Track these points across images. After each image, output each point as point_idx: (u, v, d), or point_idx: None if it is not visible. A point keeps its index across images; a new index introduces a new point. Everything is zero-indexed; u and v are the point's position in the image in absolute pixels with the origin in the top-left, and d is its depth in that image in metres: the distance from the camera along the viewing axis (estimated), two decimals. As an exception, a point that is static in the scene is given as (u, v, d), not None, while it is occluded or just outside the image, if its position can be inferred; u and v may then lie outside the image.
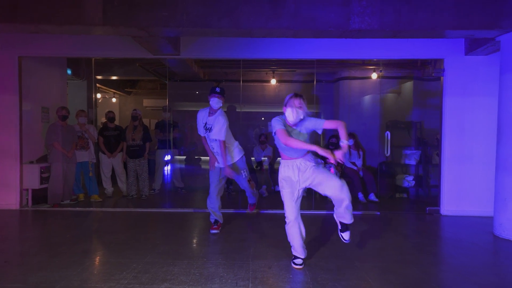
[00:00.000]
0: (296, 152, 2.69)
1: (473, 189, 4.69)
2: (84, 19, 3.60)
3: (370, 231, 3.92)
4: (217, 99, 3.44)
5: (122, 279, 2.50)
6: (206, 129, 3.53)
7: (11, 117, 4.79)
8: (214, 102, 3.44)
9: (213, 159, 3.60)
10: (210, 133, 3.50)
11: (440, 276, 2.72)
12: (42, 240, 3.48)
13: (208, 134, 3.53)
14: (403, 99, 7.19)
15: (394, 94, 7.34)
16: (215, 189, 3.62)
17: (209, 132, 3.51)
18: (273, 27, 3.65)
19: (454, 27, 3.60)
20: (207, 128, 3.52)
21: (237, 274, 2.62)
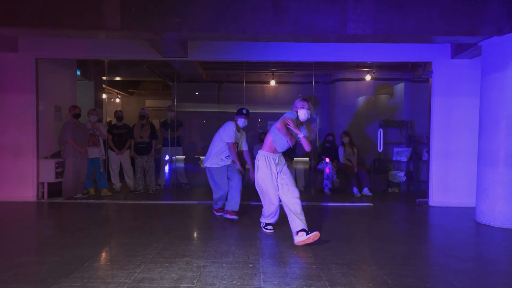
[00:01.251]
0: (283, 148, 3.40)
1: (459, 182, 5.09)
2: (104, 24, 3.93)
3: (364, 219, 4.29)
4: (243, 120, 4.03)
5: (147, 254, 2.83)
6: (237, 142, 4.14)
7: (28, 116, 5.09)
8: (241, 122, 4.05)
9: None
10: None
11: (424, 252, 3.10)
12: (65, 226, 3.79)
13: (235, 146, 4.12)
14: (395, 100, 7.62)
15: (387, 95, 7.77)
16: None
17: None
18: (276, 32, 4.02)
19: (441, 33, 4.00)
20: (235, 144, 4.11)
21: (248, 250, 2.97)
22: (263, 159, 3.38)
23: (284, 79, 7.86)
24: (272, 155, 3.39)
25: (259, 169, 3.38)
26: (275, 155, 3.40)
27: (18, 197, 5.06)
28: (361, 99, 7.57)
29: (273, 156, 3.39)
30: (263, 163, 3.36)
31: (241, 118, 4.03)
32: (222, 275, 2.45)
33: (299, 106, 3.32)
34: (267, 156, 3.38)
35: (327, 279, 2.43)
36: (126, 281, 2.33)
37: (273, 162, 3.37)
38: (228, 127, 4.01)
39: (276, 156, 3.40)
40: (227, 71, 7.32)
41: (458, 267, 2.70)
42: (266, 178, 3.35)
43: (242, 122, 4.04)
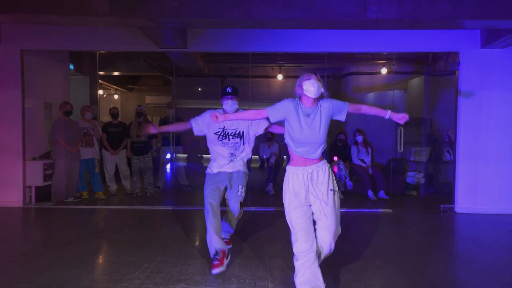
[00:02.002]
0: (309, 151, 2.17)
1: (489, 186, 4.56)
2: (90, 9, 3.46)
3: (385, 229, 3.79)
4: (230, 102, 2.79)
5: (135, 279, 2.37)
6: (225, 136, 2.86)
7: (13, 113, 4.65)
8: (228, 105, 2.79)
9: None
10: (235, 140, 2.85)
11: (467, 276, 2.59)
12: (47, 239, 3.35)
13: (225, 141, 2.85)
14: (412, 95, 7.06)
15: (403, 90, 7.21)
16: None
17: (232, 138, 2.85)
18: (286, 17, 3.50)
19: (475, 17, 3.46)
20: (226, 135, 2.86)
21: (255, 273, 2.50)
22: (287, 177, 2.24)
23: (292, 73, 7.32)
24: (299, 169, 2.18)
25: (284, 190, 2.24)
26: (305, 168, 2.17)
27: (3, 202, 4.62)
28: (375, 94, 7.02)
29: (300, 170, 2.18)
30: (286, 182, 2.22)
31: (226, 101, 2.80)
32: (224, 310, 1.98)
33: (304, 79, 2.15)
34: (292, 171, 2.21)
35: (355, 316, 1.94)
36: (104, 319, 1.87)
37: (301, 178, 2.17)
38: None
39: (306, 170, 2.17)
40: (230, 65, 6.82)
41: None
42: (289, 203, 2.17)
43: (230, 105, 2.79)
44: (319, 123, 2.16)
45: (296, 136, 2.15)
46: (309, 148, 2.16)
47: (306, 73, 2.21)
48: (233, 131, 2.83)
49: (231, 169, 2.84)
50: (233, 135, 2.83)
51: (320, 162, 2.20)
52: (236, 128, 2.83)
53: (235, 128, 2.83)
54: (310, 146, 2.15)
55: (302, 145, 2.16)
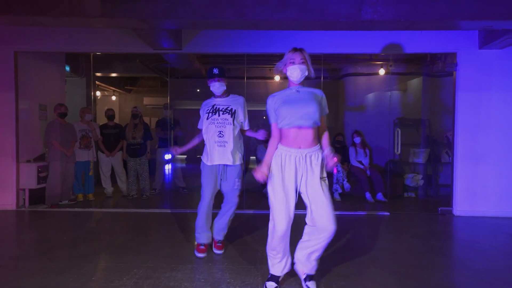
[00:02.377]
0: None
1: (488, 188, 4.50)
2: (82, 10, 3.42)
3: (382, 233, 3.73)
4: (217, 84, 2.74)
5: (122, 285, 2.32)
6: (215, 111, 2.78)
7: (6, 115, 4.62)
8: (215, 87, 2.75)
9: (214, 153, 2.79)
10: (227, 116, 2.75)
11: (464, 282, 2.53)
12: (38, 243, 3.30)
13: (215, 117, 2.76)
14: (410, 96, 7.00)
15: (402, 91, 7.16)
16: (207, 195, 2.84)
17: (222, 114, 2.76)
18: (280, 18, 3.46)
19: (473, 17, 3.40)
20: (216, 110, 2.78)
21: (245, 280, 2.44)
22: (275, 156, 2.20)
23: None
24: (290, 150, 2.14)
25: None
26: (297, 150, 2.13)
27: (-4, 205, 4.60)
28: (373, 95, 6.97)
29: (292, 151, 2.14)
30: (274, 161, 2.19)
31: (213, 83, 2.75)
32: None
33: (288, 61, 2.17)
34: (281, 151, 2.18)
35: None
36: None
37: (291, 160, 2.14)
38: None
39: (299, 153, 2.13)
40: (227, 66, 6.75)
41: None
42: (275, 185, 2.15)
43: (217, 86, 2.75)
44: (309, 97, 2.17)
45: (288, 111, 2.12)
46: (302, 123, 2.11)
47: (290, 52, 2.19)
48: (224, 107, 2.81)
49: (223, 161, 2.78)
50: (223, 110, 2.79)
51: (315, 147, 2.18)
52: (228, 105, 2.83)
53: (227, 105, 2.82)
54: (303, 121, 2.10)
55: (295, 121, 2.10)
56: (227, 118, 2.76)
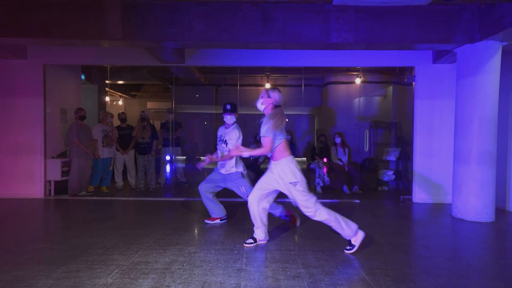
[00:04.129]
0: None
1: (440, 180, 5.39)
2: (106, 34, 4.29)
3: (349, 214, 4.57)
4: (229, 116, 3.77)
5: (145, 243, 3.17)
6: (220, 141, 3.86)
7: (36, 118, 5.47)
8: (227, 119, 3.79)
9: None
10: (225, 146, 3.78)
11: (400, 242, 3.40)
12: (71, 220, 4.14)
13: (219, 146, 3.85)
14: (384, 102, 7.91)
15: (378, 97, 8.07)
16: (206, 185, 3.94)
17: (224, 144, 3.79)
18: (265, 41, 4.35)
19: (418, 41, 4.31)
20: (220, 140, 3.85)
21: (235, 240, 3.30)
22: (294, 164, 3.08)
23: (279, 82, 8.19)
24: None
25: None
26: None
27: (27, 194, 5.43)
28: (352, 101, 7.88)
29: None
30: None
31: (226, 115, 3.79)
32: (209, 259, 2.78)
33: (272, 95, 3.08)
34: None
35: (301, 262, 2.75)
36: (124, 263, 2.67)
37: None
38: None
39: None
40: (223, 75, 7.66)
41: (421, 253, 3.00)
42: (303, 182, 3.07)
43: (228, 119, 3.79)
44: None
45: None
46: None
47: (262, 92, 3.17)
48: (223, 138, 3.87)
49: (223, 171, 3.86)
50: (222, 141, 3.86)
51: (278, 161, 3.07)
52: (224, 136, 3.85)
53: (224, 137, 3.86)
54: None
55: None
56: (224, 147, 3.83)
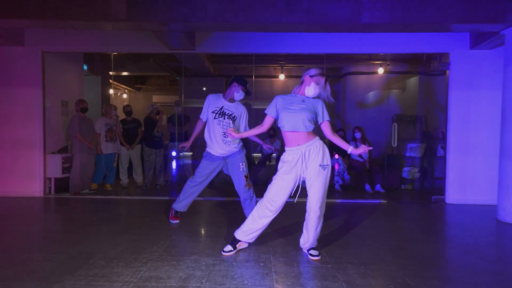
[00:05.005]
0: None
1: (477, 178, 4.87)
2: (109, 15, 3.82)
3: (378, 216, 4.12)
4: (242, 93, 3.27)
5: (154, 252, 2.72)
6: (222, 115, 3.26)
7: (35, 110, 5.03)
8: (238, 94, 3.26)
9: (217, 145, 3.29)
10: (229, 121, 3.26)
11: (447, 252, 2.92)
12: (71, 222, 3.71)
13: (221, 120, 3.25)
14: (408, 94, 7.38)
15: (400, 89, 7.53)
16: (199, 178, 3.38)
17: (227, 118, 3.26)
18: (287, 22, 3.85)
19: (461, 21, 3.78)
20: (223, 114, 3.26)
21: (259, 248, 2.84)
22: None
23: (293, 73, 7.67)
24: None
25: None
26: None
27: (26, 192, 5.01)
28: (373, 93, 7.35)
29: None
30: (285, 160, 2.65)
31: (240, 91, 3.26)
32: (232, 274, 2.33)
33: (313, 79, 2.58)
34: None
35: (344, 280, 2.28)
36: (132, 279, 2.22)
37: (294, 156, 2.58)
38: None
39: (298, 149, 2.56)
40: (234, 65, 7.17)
41: (485, 268, 2.52)
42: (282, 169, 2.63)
43: (239, 94, 3.27)
44: (307, 108, 2.57)
45: (286, 118, 2.55)
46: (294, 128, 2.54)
47: (320, 75, 2.59)
48: (230, 113, 3.29)
49: (226, 153, 3.31)
50: (229, 116, 3.28)
51: (311, 141, 2.56)
52: (232, 112, 3.29)
53: (232, 112, 3.29)
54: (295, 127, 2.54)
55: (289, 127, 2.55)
56: (230, 123, 3.28)
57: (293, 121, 2.53)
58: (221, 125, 3.26)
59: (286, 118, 2.55)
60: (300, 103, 2.58)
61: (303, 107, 2.56)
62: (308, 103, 2.60)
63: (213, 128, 3.28)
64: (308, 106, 2.58)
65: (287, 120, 2.54)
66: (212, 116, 3.28)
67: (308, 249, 2.69)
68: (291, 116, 2.54)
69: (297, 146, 2.56)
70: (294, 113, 2.54)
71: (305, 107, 2.56)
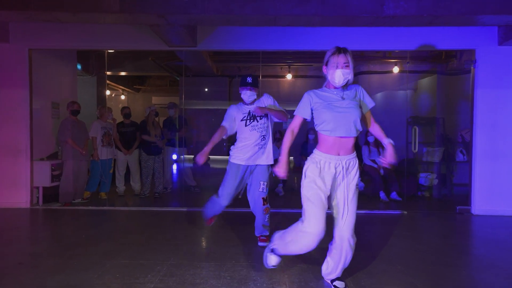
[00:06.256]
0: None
1: (508, 187, 4.42)
2: (100, 6, 3.40)
3: (401, 231, 3.67)
4: (249, 92, 2.88)
5: (148, 282, 2.28)
6: (253, 118, 2.89)
7: (21, 113, 4.60)
8: (246, 96, 2.89)
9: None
10: (263, 121, 2.89)
11: (490, 279, 2.47)
12: (56, 241, 3.27)
13: (254, 124, 2.88)
14: (424, 95, 6.93)
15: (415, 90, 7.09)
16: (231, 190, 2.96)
17: (260, 119, 2.89)
18: (299, 13, 3.42)
19: (496, 12, 3.35)
20: (254, 117, 2.89)
21: (272, 277, 2.40)
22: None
23: (301, 73, 7.23)
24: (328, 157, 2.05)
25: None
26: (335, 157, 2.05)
27: (10, 203, 4.57)
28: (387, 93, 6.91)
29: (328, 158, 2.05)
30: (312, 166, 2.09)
31: (245, 91, 2.89)
32: (244, 317, 1.89)
33: (329, 64, 2.03)
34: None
35: (382, 324, 1.83)
36: (118, 325, 1.78)
37: (331, 166, 2.05)
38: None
39: (338, 159, 2.04)
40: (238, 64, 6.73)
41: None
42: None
43: (248, 95, 2.89)
44: (353, 104, 2.04)
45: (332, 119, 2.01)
46: (344, 133, 2.02)
47: (334, 54, 2.01)
48: (254, 114, 2.91)
49: (254, 162, 2.93)
50: (260, 116, 2.92)
51: (353, 154, 2.11)
52: (255, 113, 2.91)
53: (254, 113, 2.91)
54: (346, 131, 2.01)
55: (338, 131, 2.01)
56: (265, 121, 2.93)
57: (344, 123, 1.98)
58: (257, 129, 2.90)
59: (335, 119, 1.97)
60: (342, 100, 2.03)
61: (350, 103, 2.02)
62: (349, 95, 2.07)
63: (250, 137, 2.90)
64: (352, 100, 2.04)
65: (337, 122, 1.97)
66: (243, 124, 2.93)
67: (333, 279, 2.24)
68: (342, 116, 1.98)
69: (337, 155, 2.03)
70: (344, 113, 1.99)
71: (351, 103, 2.02)
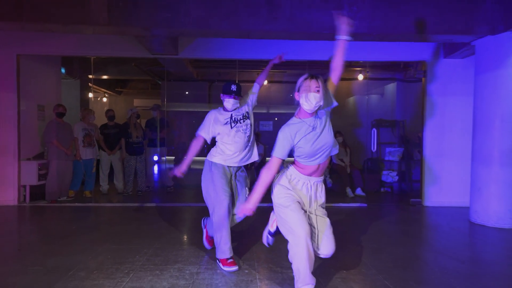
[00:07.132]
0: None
1: (452, 182, 5.08)
2: (89, 19, 3.74)
3: (359, 220, 4.22)
4: (233, 101, 2.72)
5: (137, 261, 2.67)
6: (236, 121, 2.76)
7: (9, 115, 4.84)
8: (230, 104, 2.73)
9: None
10: (246, 122, 2.77)
11: (422, 254, 3.03)
12: (48, 232, 3.59)
13: (239, 125, 2.75)
14: (386, 100, 7.61)
15: (378, 95, 7.76)
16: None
17: (243, 121, 2.77)
18: (270, 29, 3.90)
19: (436, 32, 3.96)
20: (237, 120, 2.77)
21: (243, 255, 2.84)
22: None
23: (277, 79, 7.76)
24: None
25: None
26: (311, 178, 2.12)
27: (-2, 200, 4.80)
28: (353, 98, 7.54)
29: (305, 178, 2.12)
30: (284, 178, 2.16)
31: (229, 99, 2.72)
32: (217, 283, 2.33)
33: (302, 89, 2.03)
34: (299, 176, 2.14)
35: (326, 284, 2.32)
36: (114, 291, 2.18)
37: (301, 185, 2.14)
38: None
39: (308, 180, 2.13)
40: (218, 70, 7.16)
41: (459, 269, 2.64)
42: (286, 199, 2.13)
43: (232, 104, 2.73)
44: (326, 131, 2.07)
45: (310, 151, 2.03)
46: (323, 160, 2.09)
47: (305, 79, 2.04)
48: (240, 115, 2.79)
49: (248, 161, 2.79)
50: (243, 117, 2.78)
51: (322, 176, 2.18)
52: (241, 111, 2.81)
53: (240, 112, 2.80)
54: (324, 158, 2.09)
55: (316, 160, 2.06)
56: (248, 122, 2.80)
57: (320, 153, 2.04)
58: (242, 130, 2.75)
59: (313, 152, 2.02)
60: (315, 131, 2.03)
61: (324, 131, 2.05)
62: (321, 122, 2.07)
63: (233, 139, 2.72)
64: (325, 127, 2.06)
65: (315, 155, 2.03)
66: (227, 128, 2.73)
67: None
68: (319, 148, 2.02)
69: (308, 176, 2.10)
70: (321, 146, 2.02)
71: (325, 130, 2.05)
